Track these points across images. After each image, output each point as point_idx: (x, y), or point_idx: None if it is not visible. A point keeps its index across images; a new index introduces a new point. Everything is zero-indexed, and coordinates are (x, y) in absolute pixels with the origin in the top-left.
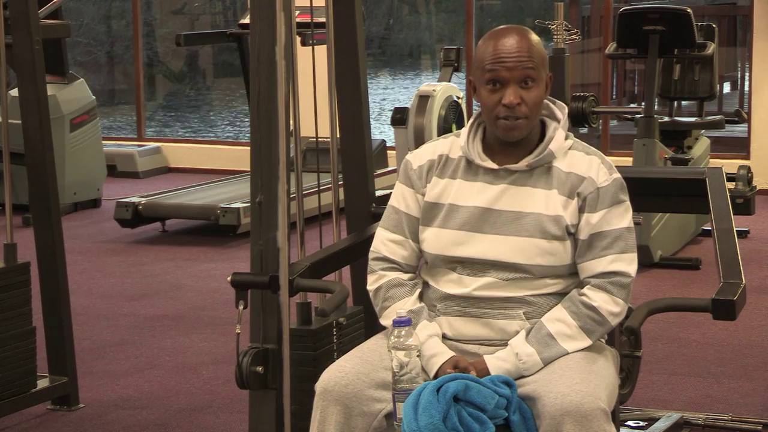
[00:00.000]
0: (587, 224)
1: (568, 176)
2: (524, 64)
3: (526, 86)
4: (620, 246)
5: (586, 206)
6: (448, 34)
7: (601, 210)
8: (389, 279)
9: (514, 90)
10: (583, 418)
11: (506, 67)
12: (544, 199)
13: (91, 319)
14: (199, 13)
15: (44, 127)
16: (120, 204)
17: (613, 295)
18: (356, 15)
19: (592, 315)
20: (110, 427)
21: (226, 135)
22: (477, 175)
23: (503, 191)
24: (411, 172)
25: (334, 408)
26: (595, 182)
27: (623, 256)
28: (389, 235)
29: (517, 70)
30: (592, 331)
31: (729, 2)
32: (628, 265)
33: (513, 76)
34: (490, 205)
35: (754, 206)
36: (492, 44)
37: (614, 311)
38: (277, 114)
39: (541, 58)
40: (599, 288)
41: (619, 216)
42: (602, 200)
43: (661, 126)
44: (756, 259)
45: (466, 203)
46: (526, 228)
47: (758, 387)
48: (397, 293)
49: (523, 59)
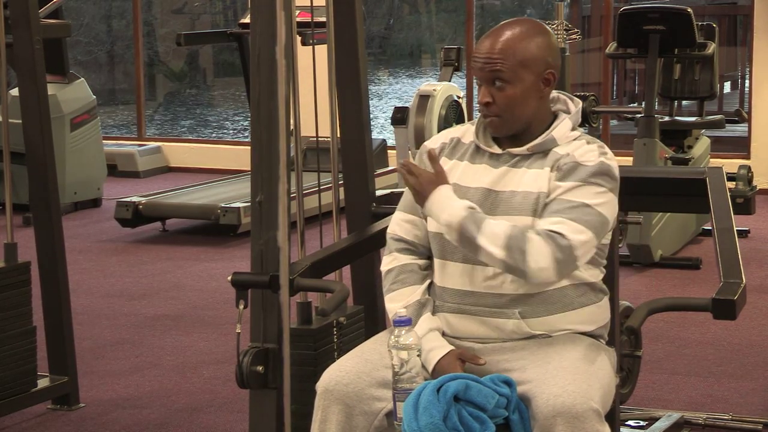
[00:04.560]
0: (555, 190)
1: (563, 157)
2: (492, 66)
3: (496, 86)
4: (572, 214)
5: (560, 175)
6: (449, 34)
7: (571, 181)
8: (404, 263)
9: (486, 89)
10: (575, 418)
11: (478, 67)
12: (535, 177)
13: (92, 319)
14: (199, 12)
15: (45, 127)
16: (120, 203)
17: (545, 243)
18: (356, 14)
19: (521, 240)
20: (110, 426)
21: (223, 134)
22: (482, 159)
23: (503, 174)
24: (424, 156)
25: (335, 407)
26: (575, 158)
27: (570, 223)
28: (403, 216)
29: (485, 71)
30: (512, 251)
31: (729, 2)
32: (572, 232)
33: (484, 76)
34: (491, 187)
35: (755, 206)
36: (480, 41)
37: (538, 261)
38: (278, 113)
39: (520, 59)
40: (537, 233)
41: (586, 193)
42: (577, 173)
43: (661, 126)
44: (756, 258)
45: (468, 184)
46: (516, 207)
47: (758, 386)
48: (408, 279)
49: (492, 61)
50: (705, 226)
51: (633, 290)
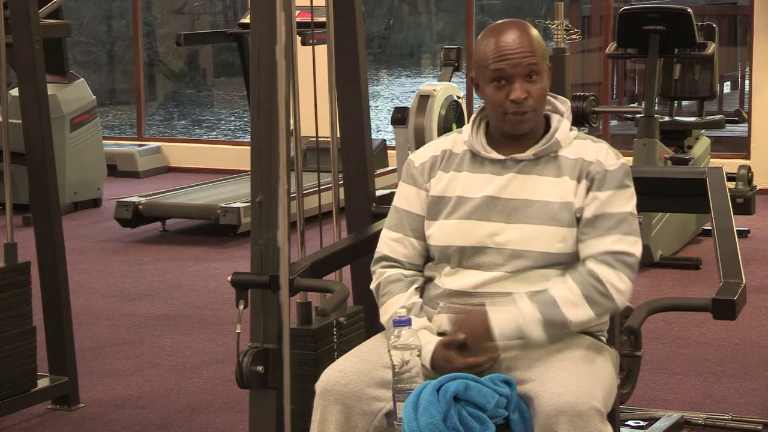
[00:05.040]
0: (593, 201)
1: (576, 162)
2: (528, 60)
3: (531, 80)
4: (624, 228)
5: (594, 185)
6: (448, 34)
7: (608, 190)
8: (388, 275)
9: (521, 85)
10: (578, 417)
11: (511, 63)
12: (554, 186)
13: (92, 319)
14: (199, 12)
15: (44, 127)
16: (120, 204)
17: (618, 271)
18: (356, 14)
19: (597, 285)
20: (110, 426)
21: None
22: (483, 167)
23: (510, 180)
24: (413, 170)
25: (334, 407)
26: (603, 164)
27: (627, 238)
28: (390, 234)
29: (521, 66)
30: (596, 302)
31: (729, 2)
32: (631, 246)
33: (518, 71)
34: (497, 194)
35: (755, 206)
36: (493, 41)
37: (619, 287)
38: (278, 113)
39: (542, 50)
40: (604, 263)
41: (624, 200)
42: (609, 181)
43: (661, 126)
44: (756, 258)
45: (473, 194)
46: (534, 215)
47: (758, 386)
48: (393, 289)
49: (526, 54)
50: (705, 226)
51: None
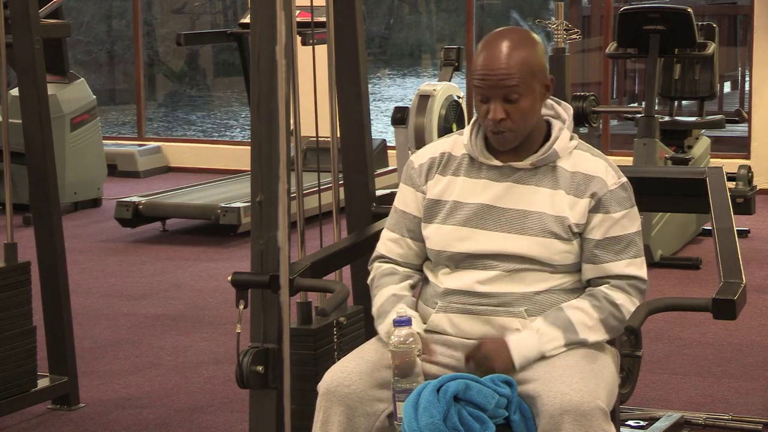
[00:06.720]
0: (601, 224)
1: (574, 176)
2: (505, 83)
3: (511, 99)
4: (633, 251)
5: (600, 207)
6: (449, 34)
7: (615, 213)
8: (383, 269)
9: (498, 106)
10: (582, 417)
11: (488, 84)
12: (550, 198)
13: (92, 319)
14: (199, 12)
15: (45, 127)
16: (120, 203)
17: (632, 297)
18: (357, 14)
19: (614, 312)
20: (110, 426)
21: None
22: (480, 172)
23: (507, 189)
24: (412, 171)
25: (336, 408)
26: (606, 183)
27: (636, 261)
28: (388, 234)
29: (498, 88)
30: (612, 327)
31: (729, 2)
32: (640, 269)
33: (495, 93)
34: (494, 203)
35: (755, 206)
36: (482, 56)
37: (632, 312)
38: (278, 113)
39: (530, 70)
40: (619, 288)
41: (631, 220)
42: (617, 202)
43: (661, 125)
44: (756, 258)
45: (469, 200)
46: (530, 226)
47: (758, 386)
48: (386, 281)
49: (504, 77)
50: (705, 226)
51: None
